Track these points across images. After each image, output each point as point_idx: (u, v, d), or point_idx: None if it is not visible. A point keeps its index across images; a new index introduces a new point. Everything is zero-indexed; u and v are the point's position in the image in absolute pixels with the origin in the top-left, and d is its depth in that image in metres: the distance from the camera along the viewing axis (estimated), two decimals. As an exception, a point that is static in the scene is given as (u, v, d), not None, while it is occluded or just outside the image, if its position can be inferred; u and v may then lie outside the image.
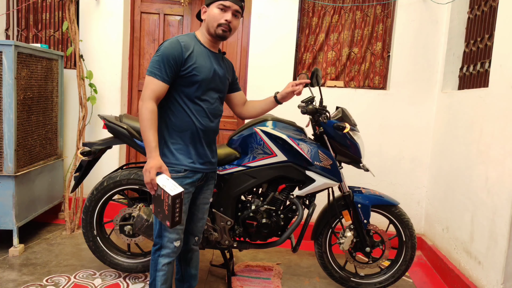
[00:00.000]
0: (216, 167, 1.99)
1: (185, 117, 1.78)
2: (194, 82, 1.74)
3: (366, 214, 2.34)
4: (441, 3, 3.11)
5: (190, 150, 1.80)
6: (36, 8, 3.65)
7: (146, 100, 1.68)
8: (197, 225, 2.00)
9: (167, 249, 1.83)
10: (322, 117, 2.23)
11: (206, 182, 1.95)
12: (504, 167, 2.16)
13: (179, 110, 1.78)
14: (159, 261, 1.84)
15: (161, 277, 1.85)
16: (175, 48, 1.70)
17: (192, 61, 1.73)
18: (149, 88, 1.69)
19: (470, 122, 2.60)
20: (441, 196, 3.00)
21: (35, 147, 2.99)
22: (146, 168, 1.67)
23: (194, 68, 1.73)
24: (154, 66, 1.70)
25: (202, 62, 1.76)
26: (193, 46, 1.75)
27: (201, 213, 1.99)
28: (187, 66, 1.72)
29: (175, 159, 1.79)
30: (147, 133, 1.68)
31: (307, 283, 2.63)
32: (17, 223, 2.77)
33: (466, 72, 2.96)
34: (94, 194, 2.45)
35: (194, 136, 1.80)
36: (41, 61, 3.00)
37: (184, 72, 1.72)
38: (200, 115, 1.79)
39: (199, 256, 2.10)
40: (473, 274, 2.41)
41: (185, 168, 1.79)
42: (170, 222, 1.64)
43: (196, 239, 2.02)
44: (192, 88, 1.76)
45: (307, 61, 3.46)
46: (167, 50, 1.69)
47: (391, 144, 3.31)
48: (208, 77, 1.77)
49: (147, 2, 3.56)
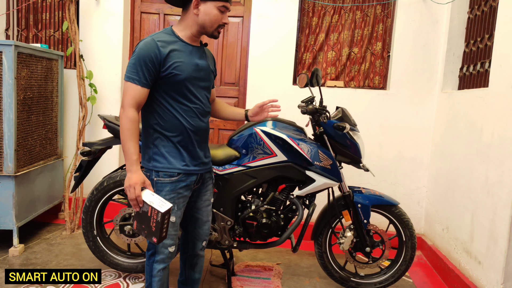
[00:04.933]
0: (210, 166, 1.91)
1: (173, 119, 1.68)
2: (177, 81, 1.64)
3: (366, 214, 2.34)
4: (441, 3, 3.11)
5: (182, 152, 1.71)
6: (36, 8, 3.65)
7: (126, 108, 1.59)
8: (203, 229, 1.93)
9: (161, 254, 1.77)
10: (322, 117, 2.23)
11: (203, 184, 1.88)
12: (504, 167, 2.16)
13: (166, 112, 1.68)
14: (154, 267, 1.78)
15: (157, 283, 1.79)
16: (151, 49, 1.58)
17: (172, 60, 1.61)
18: (128, 95, 1.59)
19: (470, 122, 2.60)
20: (441, 196, 3.00)
21: (35, 147, 2.99)
22: (130, 183, 1.57)
23: (175, 67, 1.62)
24: (131, 71, 1.59)
25: (182, 59, 1.64)
26: (171, 44, 1.64)
27: (205, 216, 1.93)
28: (167, 66, 1.61)
29: (167, 162, 1.69)
30: (128, 145, 1.59)
31: (307, 283, 2.63)
32: (17, 223, 2.77)
33: (466, 72, 2.96)
34: (94, 194, 2.45)
35: (184, 137, 1.71)
36: (41, 61, 3.00)
37: (165, 73, 1.61)
38: (188, 115, 1.70)
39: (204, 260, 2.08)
40: (473, 274, 2.41)
41: (178, 171, 1.70)
42: (157, 238, 1.56)
43: (203, 244, 1.95)
44: (175, 88, 1.65)
45: (307, 61, 3.46)
46: (143, 52, 1.58)
47: (391, 144, 3.31)
48: (191, 74, 1.66)
49: (147, 2, 3.56)
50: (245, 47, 3.50)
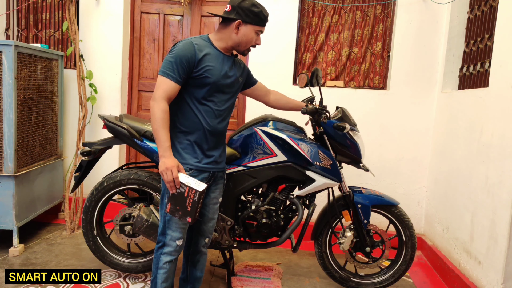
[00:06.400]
0: (224, 166, 1.99)
1: (193, 118, 1.80)
2: (205, 84, 1.76)
3: (366, 214, 2.34)
4: (441, 3, 3.11)
5: (196, 149, 1.82)
6: (36, 8, 3.65)
7: (158, 100, 1.70)
8: (207, 225, 2.00)
9: (169, 247, 1.84)
10: (322, 117, 2.23)
11: (215, 182, 1.96)
12: (504, 167, 2.16)
13: (188, 110, 1.80)
14: (161, 259, 1.85)
15: (162, 275, 1.86)
16: (188, 50, 1.72)
17: (205, 63, 1.75)
18: (161, 88, 1.71)
19: (470, 122, 2.60)
20: (441, 196, 3.00)
21: (35, 147, 2.99)
22: (167, 166, 1.69)
23: (206, 70, 1.75)
24: (167, 67, 1.71)
25: (214, 64, 1.77)
26: (206, 49, 1.78)
27: (211, 213, 1.99)
28: (200, 68, 1.74)
29: (181, 157, 1.80)
30: (160, 133, 1.69)
31: (307, 283, 2.63)
32: (17, 223, 2.77)
33: (466, 72, 2.96)
34: (94, 194, 2.45)
35: (200, 136, 1.82)
36: (41, 61, 3.00)
37: (196, 74, 1.74)
38: (208, 115, 1.81)
39: (206, 259, 2.10)
40: (473, 274, 2.41)
41: (190, 167, 1.80)
42: (191, 218, 1.70)
43: (206, 240, 2.02)
44: (202, 90, 1.78)
45: (307, 61, 3.46)
46: (181, 52, 1.71)
47: (391, 144, 3.31)
48: (219, 79, 1.79)
49: (147, 2, 3.56)
50: (245, 47, 3.50)
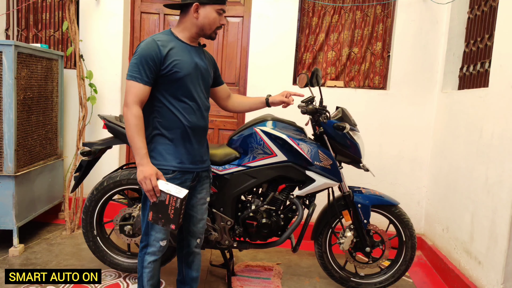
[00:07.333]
0: (209, 165, 1.95)
1: (171, 116, 1.74)
2: (177, 79, 1.71)
3: (366, 214, 2.34)
4: (441, 3, 3.11)
5: (179, 149, 1.76)
6: (36, 8, 3.65)
7: (130, 106, 1.65)
8: (197, 227, 1.97)
9: (153, 247, 1.83)
10: (322, 117, 2.23)
11: (200, 182, 1.91)
12: (504, 167, 2.16)
13: (165, 109, 1.74)
14: (145, 259, 1.85)
15: (147, 274, 1.86)
16: (151, 48, 1.66)
17: (171, 58, 1.69)
18: (132, 93, 1.66)
19: (470, 122, 2.60)
20: (441, 196, 3.00)
21: (35, 147, 2.99)
22: (145, 175, 1.64)
23: (174, 65, 1.69)
24: (133, 70, 1.66)
25: (181, 57, 1.72)
26: (170, 43, 1.72)
27: (200, 214, 1.96)
28: (167, 64, 1.68)
29: (163, 159, 1.75)
30: (136, 139, 1.65)
31: (307, 283, 2.63)
32: (17, 223, 2.77)
33: (466, 72, 2.96)
34: (94, 194, 2.45)
35: (183, 135, 1.76)
36: (41, 61, 3.00)
37: (165, 71, 1.69)
38: (187, 112, 1.75)
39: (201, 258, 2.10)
40: (473, 274, 2.41)
41: (173, 169, 1.75)
42: (175, 225, 1.66)
43: (198, 241, 1.99)
44: (175, 86, 1.72)
45: (307, 61, 3.46)
46: (144, 51, 1.66)
47: (391, 144, 3.31)
48: (190, 72, 1.73)
49: (147, 2, 3.56)
50: (245, 47, 3.50)
